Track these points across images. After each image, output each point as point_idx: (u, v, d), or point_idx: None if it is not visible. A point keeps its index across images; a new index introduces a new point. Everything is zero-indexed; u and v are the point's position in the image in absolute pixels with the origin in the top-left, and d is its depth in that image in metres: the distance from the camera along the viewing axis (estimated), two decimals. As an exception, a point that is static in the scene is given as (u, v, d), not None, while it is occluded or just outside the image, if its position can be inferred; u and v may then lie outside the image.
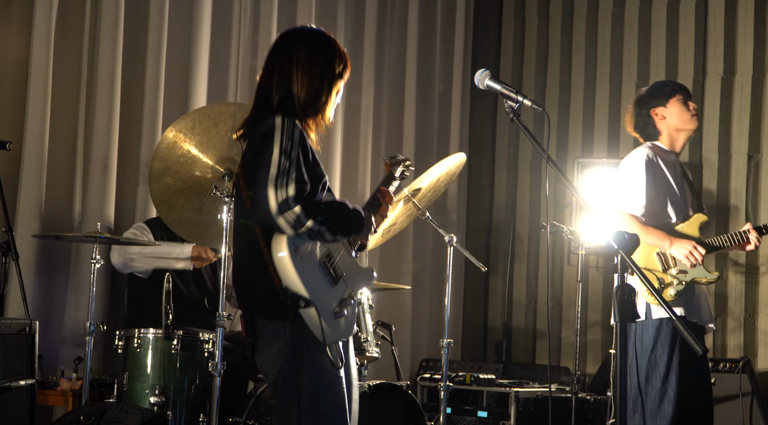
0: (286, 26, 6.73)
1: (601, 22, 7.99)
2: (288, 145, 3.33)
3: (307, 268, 3.34)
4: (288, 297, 3.29)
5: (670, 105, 5.02)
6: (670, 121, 5.02)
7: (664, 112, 5.02)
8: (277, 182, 3.26)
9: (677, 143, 5.06)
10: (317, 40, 3.62)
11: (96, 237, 4.81)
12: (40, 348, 5.08)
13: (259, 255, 3.35)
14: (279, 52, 3.58)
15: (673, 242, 4.85)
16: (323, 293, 3.38)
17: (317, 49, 3.57)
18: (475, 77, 3.49)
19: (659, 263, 4.88)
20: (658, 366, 4.79)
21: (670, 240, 4.85)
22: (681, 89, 5.06)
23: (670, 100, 5.03)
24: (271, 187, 3.25)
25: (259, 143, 3.36)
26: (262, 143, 3.35)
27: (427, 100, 7.96)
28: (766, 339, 7.07)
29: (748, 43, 7.35)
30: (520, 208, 8.23)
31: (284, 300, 3.29)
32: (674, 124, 5.02)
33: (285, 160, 3.30)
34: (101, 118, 5.72)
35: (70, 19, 5.65)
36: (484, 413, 6.50)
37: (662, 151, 5.02)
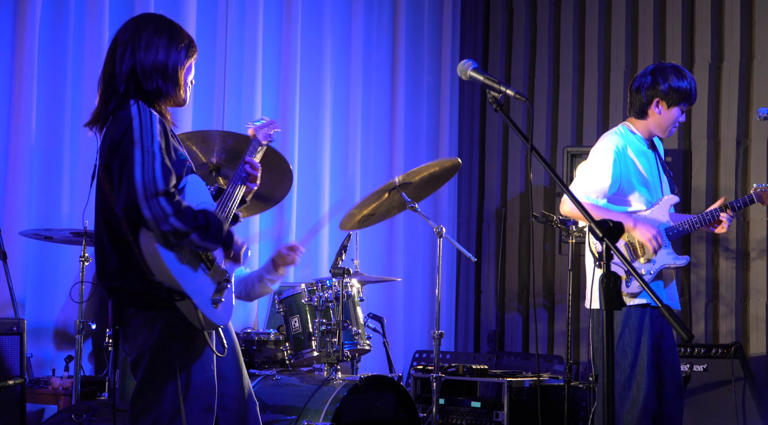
0: (273, 30, 6.80)
1: (589, 11, 7.98)
2: (147, 133, 3.26)
3: (179, 260, 3.25)
4: (163, 291, 3.22)
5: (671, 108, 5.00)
6: (660, 119, 5.01)
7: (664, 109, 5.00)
8: (143, 173, 3.17)
9: (651, 135, 5.06)
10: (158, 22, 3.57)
11: (85, 235, 4.80)
12: (30, 347, 5.08)
13: (128, 248, 3.28)
14: (124, 36, 3.50)
15: (637, 223, 4.86)
16: (199, 282, 3.31)
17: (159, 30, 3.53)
18: (458, 68, 3.49)
19: (627, 254, 4.90)
20: (626, 354, 4.82)
21: (633, 221, 4.85)
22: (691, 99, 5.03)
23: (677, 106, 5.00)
24: (138, 179, 3.17)
25: (117, 134, 3.28)
26: (120, 134, 3.27)
27: (416, 90, 7.95)
28: (757, 325, 7.08)
29: (735, 30, 7.35)
30: (511, 199, 8.23)
31: (159, 293, 3.23)
32: (660, 124, 5.03)
33: (149, 149, 3.22)
34: (88, 117, 5.70)
35: (56, 16, 5.64)
36: (477, 403, 6.50)
37: (634, 136, 5.01)
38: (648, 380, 4.80)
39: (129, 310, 3.37)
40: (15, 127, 5.40)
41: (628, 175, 4.93)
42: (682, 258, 4.96)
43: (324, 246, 6.94)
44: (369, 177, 7.42)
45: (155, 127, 3.29)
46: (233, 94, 6.52)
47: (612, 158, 4.89)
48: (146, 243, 3.20)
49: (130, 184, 3.17)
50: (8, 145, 5.40)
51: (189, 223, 3.19)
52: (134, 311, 3.36)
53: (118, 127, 3.31)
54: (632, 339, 4.81)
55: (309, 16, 7.05)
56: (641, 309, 4.82)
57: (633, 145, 4.97)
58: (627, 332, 4.83)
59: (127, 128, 3.27)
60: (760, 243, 7.11)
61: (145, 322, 3.33)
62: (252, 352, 5.33)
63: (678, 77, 4.95)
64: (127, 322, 3.38)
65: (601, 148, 4.96)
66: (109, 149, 3.30)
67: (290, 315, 5.23)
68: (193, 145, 4.85)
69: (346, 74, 7.35)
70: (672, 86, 4.94)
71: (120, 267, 3.32)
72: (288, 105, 6.79)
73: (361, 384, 5.05)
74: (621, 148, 4.93)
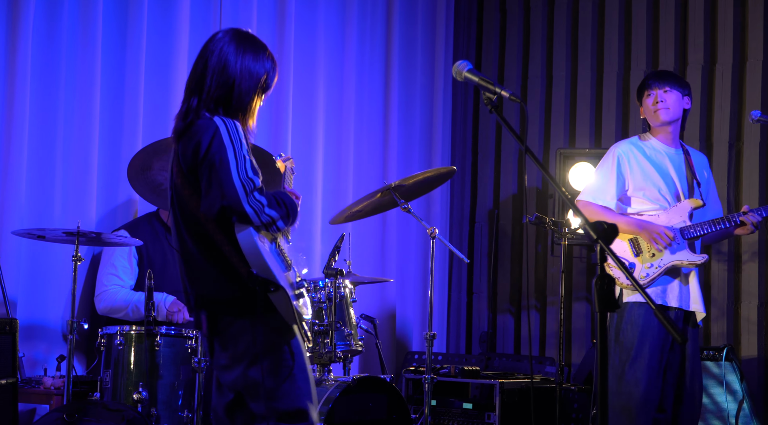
0: (266, 33, 6.79)
1: (582, 13, 7.99)
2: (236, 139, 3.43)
3: (270, 255, 3.43)
4: (258, 283, 3.36)
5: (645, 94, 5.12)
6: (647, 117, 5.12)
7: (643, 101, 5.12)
8: (240, 174, 3.36)
9: (662, 135, 5.12)
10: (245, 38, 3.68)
11: (77, 235, 4.79)
12: (22, 347, 5.06)
13: (217, 248, 3.42)
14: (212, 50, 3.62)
15: (644, 225, 4.91)
16: (285, 276, 3.47)
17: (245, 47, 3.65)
18: (453, 69, 3.50)
19: (631, 249, 4.95)
20: (626, 349, 4.84)
21: (640, 224, 4.90)
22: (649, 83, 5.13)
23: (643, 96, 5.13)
24: (236, 179, 3.35)
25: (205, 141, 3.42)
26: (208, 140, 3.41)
27: (410, 92, 7.94)
28: (749, 327, 7.09)
29: (727, 33, 7.36)
30: (503, 200, 8.24)
31: (253, 286, 3.36)
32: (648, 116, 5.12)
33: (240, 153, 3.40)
34: (81, 117, 5.70)
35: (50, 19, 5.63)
36: (469, 405, 6.50)
37: (644, 144, 5.08)
38: (648, 378, 4.81)
39: (225, 319, 3.48)
40: (8, 127, 5.39)
41: (636, 175, 5.00)
42: (697, 256, 4.99)
43: (317, 246, 6.94)
44: (362, 179, 7.41)
45: (240, 132, 3.46)
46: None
47: (615, 162, 4.98)
48: (244, 237, 3.37)
49: (229, 184, 3.34)
50: (1, 144, 5.38)
51: (277, 210, 3.40)
52: (231, 319, 3.47)
53: (202, 135, 3.44)
54: (634, 335, 4.83)
55: (302, 19, 7.05)
56: (647, 307, 4.84)
57: (645, 150, 5.06)
58: (627, 328, 4.86)
59: (215, 134, 3.42)
60: (752, 246, 7.12)
61: (245, 329, 3.45)
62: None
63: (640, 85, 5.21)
64: (224, 331, 3.49)
65: (607, 154, 5.08)
66: (194, 155, 3.43)
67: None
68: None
69: (340, 76, 7.35)
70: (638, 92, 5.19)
71: (212, 272, 3.46)
72: (281, 106, 6.78)
73: (353, 385, 5.05)
74: (626, 151, 5.03)
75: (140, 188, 5.06)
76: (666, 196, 5.04)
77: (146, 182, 5.00)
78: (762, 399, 6.90)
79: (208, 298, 3.48)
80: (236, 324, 3.46)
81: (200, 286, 3.49)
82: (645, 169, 5.03)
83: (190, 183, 3.47)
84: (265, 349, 3.44)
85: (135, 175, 4.97)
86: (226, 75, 3.56)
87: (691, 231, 5.00)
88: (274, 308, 3.45)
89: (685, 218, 5.01)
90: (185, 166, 3.48)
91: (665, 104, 5.09)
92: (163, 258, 5.61)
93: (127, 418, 4.51)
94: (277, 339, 3.47)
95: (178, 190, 3.52)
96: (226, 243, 3.41)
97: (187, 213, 3.49)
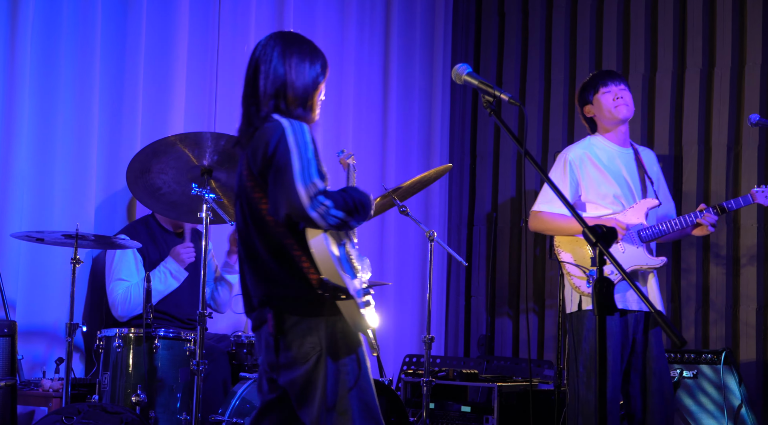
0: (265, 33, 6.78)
1: (581, 16, 7.99)
2: (302, 142, 3.43)
3: (343, 261, 3.42)
4: (328, 289, 3.35)
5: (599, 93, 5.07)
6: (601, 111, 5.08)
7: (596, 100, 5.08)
8: (303, 178, 3.34)
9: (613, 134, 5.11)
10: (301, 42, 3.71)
11: (76, 237, 4.79)
12: (21, 349, 5.06)
13: (287, 251, 3.42)
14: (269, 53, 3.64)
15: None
16: (354, 284, 3.45)
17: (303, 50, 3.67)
18: (452, 72, 3.51)
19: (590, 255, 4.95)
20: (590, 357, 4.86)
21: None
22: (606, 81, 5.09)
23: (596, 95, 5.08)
24: (299, 184, 3.33)
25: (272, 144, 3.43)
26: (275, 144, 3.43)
27: (408, 95, 7.95)
28: (747, 331, 7.09)
29: (726, 36, 7.37)
30: (502, 203, 8.24)
31: (323, 292, 3.36)
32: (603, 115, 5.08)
33: (305, 156, 3.40)
34: (80, 119, 5.70)
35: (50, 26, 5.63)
36: (467, 408, 6.50)
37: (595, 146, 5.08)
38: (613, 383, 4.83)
39: (291, 319, 3.46)
40: (7, 129, 5.39)
41: (589, 179, 4.99)
42: (655, 260, 4.98)
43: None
44: (360, 182, 7.36)
45: (307, 135, 3.46)
46: (225, 96, 6.51)
47: (567, 168, 4.98)
48: (317, 243, 3.37)
49: (293, 189, 3.33)
50: (0, 147, 5.38)
51: (345, 209, 3.37)
52: (297, 319, 3.45)
53: (269, 137, 3.45)
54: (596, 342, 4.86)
55: (301, 20, 7.05)
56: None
57: (596, 152, 5.04)
58: (589, 335, 4.88)
59: (281, 137, 3.42)
60: (751, 249, 7.13)
61: (311, 329, 3.44)
62: (242, 356, 5.32)
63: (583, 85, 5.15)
64: (289, 331, 3.46)
65: (558, 160, 5.07)
66: (263, 158, 3.44)
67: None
68: (185, 147, 4.85)
69: (338, 78, 7.35)
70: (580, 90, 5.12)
71: (280, 274, 3.45)
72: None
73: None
74: (577, 157, 5.02)
75: (139, 193, 5.06)
76: (621, 199, 5.03)
77: (145, 186, 5.00)
78: (761, 403, 6.91)
79: (277, 297, 3.47)
80: (303, 324, 3.44)
81: (268, 286, 3.49)
82: (598, 173, 5.03)
83: (259, 186, 3.47)
84: (330, 352, 3.43)
85: (134, 179, 4.96)
86: (277, 76, 3.57)
87: (647, 233, 5.00)
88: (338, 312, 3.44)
89: (642, 219, 5.00)
90: (255, 168, 3.48)
91: (624, 100, 5.08)
92: (161, 259, 5.61)
93: (126, 421, 4.50)
94: (344, 344, 3.45)
95: (248, 193, 3.51)
96: (296, 248, 3.40)
97: (258, 216, 3.49)
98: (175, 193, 5.03)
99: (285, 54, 3.61)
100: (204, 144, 4.83)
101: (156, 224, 5.68)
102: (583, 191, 5.04)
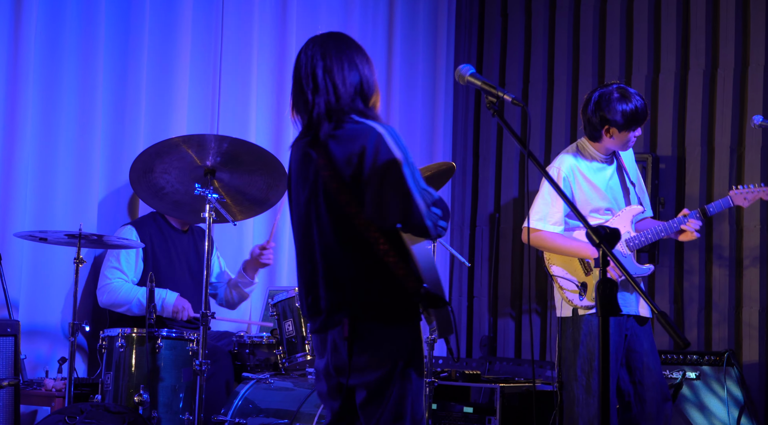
0: (268, 33, 6.79)
1: (584, 17, 7.99)
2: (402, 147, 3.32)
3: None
4: (426, 297, 3.30)
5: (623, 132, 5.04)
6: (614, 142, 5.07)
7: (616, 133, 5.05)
8: (418, 187, 3.28)
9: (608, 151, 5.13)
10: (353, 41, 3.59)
11: (79, 237, 4.79)
12: (24, 349, 5.06)
13: (374, 256, 3.33)
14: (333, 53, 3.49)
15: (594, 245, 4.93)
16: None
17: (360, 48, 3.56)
18: (455, 73, 3.50)
19: (582, 268, 5.00)
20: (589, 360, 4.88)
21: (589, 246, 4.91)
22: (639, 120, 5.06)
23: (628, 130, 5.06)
24: (416, 193, 3.27)
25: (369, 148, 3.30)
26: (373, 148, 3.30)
27: (411, 95, 7.95)
28: (750, 333, 7.08)
29: (729, 37, 7.36)
30: (504, 204, 8.24)
31: (417, 300, 3.31)
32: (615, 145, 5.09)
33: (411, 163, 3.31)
34: (83, 119, 5.71)
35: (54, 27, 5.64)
36: (469, 409, 6.50)
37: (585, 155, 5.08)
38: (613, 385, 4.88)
39: (369, 324, 3.37)
40: (11, 128, 5.39)
41: (582, 194, 5.02)
42: (644, 268, 5.03)
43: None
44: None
45: (401, 138, 3.35)
46: (228, 97, 6.51)
47: (561, 183, 4.97)
48: (421, 250, 3.32)
49: (410, 199, 3.26)
50: (4, 146, 5.39)
51: (445, 220, 3.34)
52: (376, 324, 3.37)
53: (366, 139, 3.32)
54: (593, 345, 4.88)
55: (304, 19, 7.05)
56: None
57: (586, 164, 5.05)
58: (587, 339, 4.90)
59: (379, 141, 3.30)
60: (754, 250, 7.12)
61: (391, 336, 3.37)
62: (245, 356, 5.33)
63: (624, 102, 4.99)
64: (366, 336, 3.37)
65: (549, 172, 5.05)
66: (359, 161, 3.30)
67: (283, 319, 5.22)
68: (188, 148, 4.85)
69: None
70: (619, 113, 4.97)
71: (360, 278, 3.36)
72: (283, 108, 6.78)
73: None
74: (570, 170, 5.02)
75: (142, 192, 5.07)
76: (610, 210, 5.07)
77: (148, 186, 5.00)
78: (763, 405, 6.90)
79: (357, 304, 3.37)
80: (384, 331, 3.37)
81: (345, 291, 3.38)
82: (589, 187, 5.05)
83: (349, 188, 3.34)
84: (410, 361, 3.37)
85: (137, 179, 4.97)
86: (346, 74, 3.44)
87: (635, 242, 5.05)
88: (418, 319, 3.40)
89: (629, 228, 5.05)
90: (348, 170, 3.34)
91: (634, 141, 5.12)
92: (169, 256, 5.62)
93: (128, 420, 4.51)
94: (418, 356, 3.41)
95: (331, 195, 3.37)
96: (391, 254, 3.31)
97: (343, 219, 3.36)
98: (178, 192, 5.03)
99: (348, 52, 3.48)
100: (207, 145, 4.84)
101: (163, 220, 5.70)
102: (580, 203, 5.05)
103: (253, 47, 6.64)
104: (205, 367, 4.66)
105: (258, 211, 5.36)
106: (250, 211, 5.30)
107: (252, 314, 6.49)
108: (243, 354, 5.33)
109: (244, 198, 5.17)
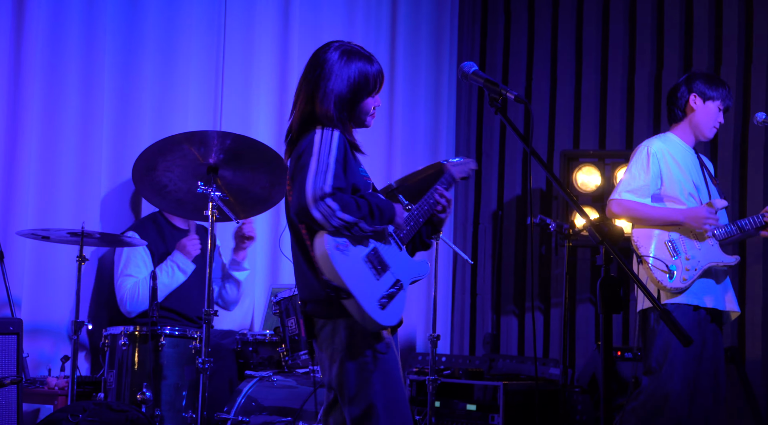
0: (271, 30, 6.79)
1: (587, 14, 7.98)
2: (326, 148, 3.47)
3: (349, 262, 3.42)
4: (329, 288, 3.40)
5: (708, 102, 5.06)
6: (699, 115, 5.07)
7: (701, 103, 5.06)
8: (315, 179, 3.38)
9: (694, 139, 5.13)
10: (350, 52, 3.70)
11: (82, 235, 4.79)
12: (27, 347, 5.06)
13: (307, 253, 3.50)
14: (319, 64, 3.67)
15: (685, 215, 4.92)
16: (366, 283, 3.46)
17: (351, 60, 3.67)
18: (458, 71, 3.51)
19: (670, 251, 4.96)
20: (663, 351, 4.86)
21: (681, 214, 4.91)
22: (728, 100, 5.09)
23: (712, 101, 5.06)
24: (309, 184, 3.37)
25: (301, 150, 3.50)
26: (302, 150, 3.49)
27: (414, 93, 7.94)
28: (753, 330, 7.08)
29: (732, 35, 7.36)
30: (507, 201, 8.23)
31: (329, 292, 3.41)
32: (699, 122, 5.08)
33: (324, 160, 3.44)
34: (87, 117, 5.70)
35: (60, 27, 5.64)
36: (473, 406, 6.50)
37: (672, 142, 5.09)
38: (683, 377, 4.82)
39: (318, 321, 3.55)
40: (14, 127, 5.39)
41: (669, 173, 5.01)
42: (730, 257, 5.00)
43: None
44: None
45: (335, 142, 3.50)
46: (231, 94, 6.51)
47: (650, 159, 4.98)
48: (318, 244, 3.41)
49: (302, 189, 3.38)
50: (7, 144, 5.39)
51: (355, 214, 3.40)
52: (323, 322, 3.53)
53: (303, 144, 3.51)
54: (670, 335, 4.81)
55: (307, 18, 7.05)
56: (684, 308, 4.86)
57: (674, 149, 5.07)
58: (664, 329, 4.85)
59: (309, 144, 3.48)
60: (757, 248, 7.12)
61: (334, 330, 3.50)
62: (248, 354, 5.33)
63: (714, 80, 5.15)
64: (318, 333, 3.56)
65: (637, 151, 5.07)
66: (292, 163, 3.53)
67: (287, 317, 5.23)
68: (191, 145, 4.86)
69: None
70: (704, 83, 5.09)
71: (308, 276, 3.53)
72: (286, 106, 6.77)
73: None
74: (658, 149, 5.03)
75: (145, 190, 5.07)
76: (694, 197, 5.06)
77: (151, 184, 5.00)
78: (766, 401, 6.90)
79: (305, 301, 3.56)
80: (328, 326, 3.52)
81: (300, 289, 3.59)
82: (676, 169, 5.06)
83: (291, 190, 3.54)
84: (347, 353, 3.48)
85: (140, 177, 4.97)
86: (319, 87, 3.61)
87: (721, 231, 5.03)
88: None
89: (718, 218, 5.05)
90: (289, 173, 3.56)
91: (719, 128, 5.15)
92: (168, 255, 5.62)
93: (131, 419, 4.51)
94: (361, 343, 3.49)
95: (287, 196, 3.59)
96: (311, 248, 3.47)
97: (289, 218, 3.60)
98: (181, 190, 5.03)
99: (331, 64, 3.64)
100: (210, 142, 4.84)
101: (164, 220, 5.69)
102: (663, 185, 5.05)
103: (256, 45, 6.64)
104: (208, 365, 4.66)
105: (261, 209, 5.36)
106: (253, 209, 5.30)
107: (255, 312, 6.49)
108: (246, 351, 5.33)
109: (247, 196, 5.17)
